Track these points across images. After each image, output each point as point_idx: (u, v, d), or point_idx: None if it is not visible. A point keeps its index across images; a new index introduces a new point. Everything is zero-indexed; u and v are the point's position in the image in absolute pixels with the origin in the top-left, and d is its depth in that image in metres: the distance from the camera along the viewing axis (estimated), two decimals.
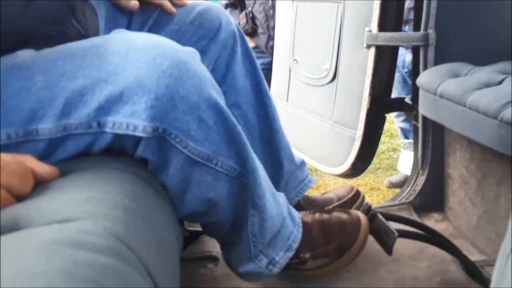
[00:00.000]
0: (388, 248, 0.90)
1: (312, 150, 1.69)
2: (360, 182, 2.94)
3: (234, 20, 2.89)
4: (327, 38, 1.55)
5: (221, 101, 0.64)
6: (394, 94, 2.58)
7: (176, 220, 0.67)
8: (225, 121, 0.63)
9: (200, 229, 1.06)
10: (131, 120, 0.54)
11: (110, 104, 0.54)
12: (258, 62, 3.05)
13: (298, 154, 1.73)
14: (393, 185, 2.79)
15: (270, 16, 2.69)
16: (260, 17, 2.75)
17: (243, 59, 0.97)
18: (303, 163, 1.12)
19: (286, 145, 1.05)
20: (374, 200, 2.69)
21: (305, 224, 0.87)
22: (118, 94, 0.54)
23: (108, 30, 0.83)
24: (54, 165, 0.51)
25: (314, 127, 1.66)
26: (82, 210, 0.39)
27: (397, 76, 2.56)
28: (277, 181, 1.01)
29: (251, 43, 2.88)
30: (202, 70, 0.61)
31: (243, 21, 2.79)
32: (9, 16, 0.61)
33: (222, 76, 0.94)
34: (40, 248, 0.31)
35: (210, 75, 0.63)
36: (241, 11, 2.85)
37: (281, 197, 0.84)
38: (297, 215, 0.87)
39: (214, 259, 1.02)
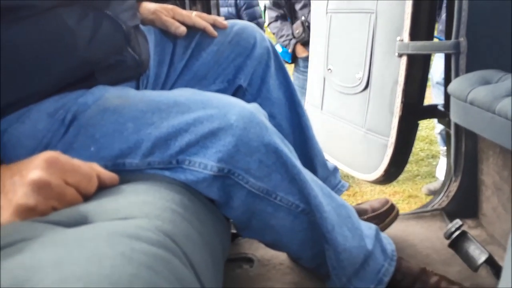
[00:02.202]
0: (476, 266, 0.92)
1: (346, 156, 1.72)
2: (398, 190, 2.92)
3: (286, 32, 2.81)
4: (360, 48, 1.59)
5: (283, 146, 0.73)
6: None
7: (222, 226, 0.75)
8: (284, 163, 0.72)
9: (235, 231, 1.12)
10: (203, 160, 0.66)
11: (188, 147, 0.66)
12: None
13: (332, 160, 1.78)
14: (431, 193, 2.75)
15: None
16: None
17: (277, 73, 1.03)
18: (335, 169, 1.17)
19: (319, 152, 1.10)
20: (412, 207, 2.67)
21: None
22: (195, 141, 0.66)
23: (156, 55, 0.92)
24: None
25: (348, 134, 1.70)
26: (139, 211, 0.47)
27: None
28: None
29: (306, 52, 2.79)
30: (264, 121, 0.71)
31: (299, 30, 2.80)
32: (78, 48, 0.70)
33: (258, 90, 1.00)
34: (106, 238, 0.38)
35: (271, 125, 0.74)
36: (292, 22, 2.89)
37: (371, 229, 0.87)
38: (391, 248, 0.89)
39: (249, 260, 1.08)
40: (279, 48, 2.98)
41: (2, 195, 0.51)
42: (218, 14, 1.22)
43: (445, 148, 2.68)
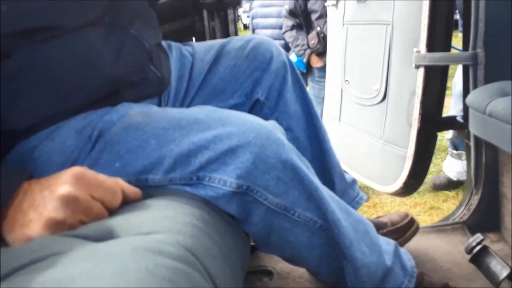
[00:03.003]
0: (497, 281, 0.91)
1: (365, 168, 1.72)
2: (419, 201, 2.87)
3: (301, 41, 2.82)
4: (377, 59, 1.59)
5: (300, 163, 0.74)
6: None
7: (241, 240, 0.76)
8: (302, 180, 0.73)
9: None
10: (223, 176, 0.68)
11: (208, 164, 0.68)
12: None
13: (351, 172, 1.78)
14: (437, 187, 2.75)
15: None
16: None
17: (293, 86, 1.05)
18: (354, 181, 1.17)
19: (336, 164, 1.10)
20: (434, 219, 2.62)
21: None
22: (214, 158, 0.67)
23: (176, 70, 0.95)
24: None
25: (366, 146, 1.69)
26: (161, 226, 0.49)
27: None
28: None
29: (320, 63, 2.83)
30: (281, 139, 0.72)
31: (314, 41, 2.80)
32: (104, 67, 0.73)
33: (275, 103, 1.02)
34: (130, 253, 0.40)
35: (288, 142, 0.75)
36: (307, 31, 2.89)
37: (390, 244, 0.87)
38: (411, 264, 0.88)
39: (269, 273, 1.09)
40: (293, 57, 2.98)
41: (32, 209, 0.53)
42: (235, 29, 1.24)
43: (454, 152, 2.66)
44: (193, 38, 1.24)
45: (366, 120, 1.70)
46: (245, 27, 14.13)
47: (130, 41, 0.79)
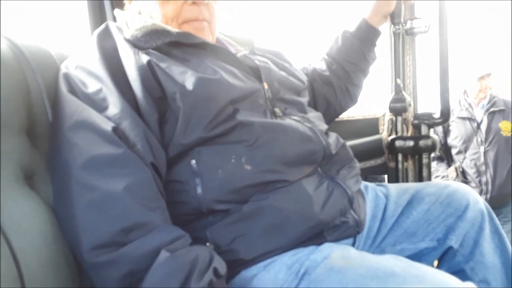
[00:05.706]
0: None
1: None
2: None
3: (441, 173, 2.85)
4: None
5: None
6: None
7: None
8: None
9: None
10: None
11: None
12: None
13: None
14: None
15: (482, 172, 2.67)
16: (471, 172, 2.75)
17: (492, 236, 1.01)
18: None
19: None
20: None
21: None
22: None
23: (370, 210, 1.03)
24: None
25: None
26: None
27: None
28: None
29: None
30: None
31: (452, 175, 2.83)
32: (314, 212, 0.85)
33: (470, 252, 0.99)
34: None
35: None
36: (448, 164, 2.93)
37: None
38: None
39: None
40: None
41: None
42: (429, 174, 1.26)
43: None
44: (385, 177, 1.32)
45: None
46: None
47: (336, 189, 0.91)
